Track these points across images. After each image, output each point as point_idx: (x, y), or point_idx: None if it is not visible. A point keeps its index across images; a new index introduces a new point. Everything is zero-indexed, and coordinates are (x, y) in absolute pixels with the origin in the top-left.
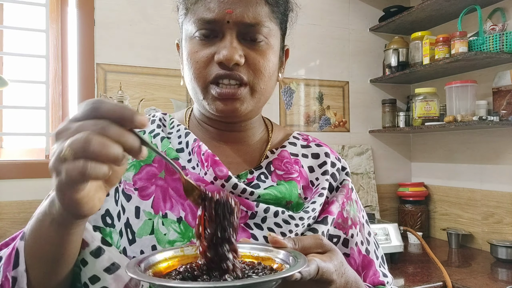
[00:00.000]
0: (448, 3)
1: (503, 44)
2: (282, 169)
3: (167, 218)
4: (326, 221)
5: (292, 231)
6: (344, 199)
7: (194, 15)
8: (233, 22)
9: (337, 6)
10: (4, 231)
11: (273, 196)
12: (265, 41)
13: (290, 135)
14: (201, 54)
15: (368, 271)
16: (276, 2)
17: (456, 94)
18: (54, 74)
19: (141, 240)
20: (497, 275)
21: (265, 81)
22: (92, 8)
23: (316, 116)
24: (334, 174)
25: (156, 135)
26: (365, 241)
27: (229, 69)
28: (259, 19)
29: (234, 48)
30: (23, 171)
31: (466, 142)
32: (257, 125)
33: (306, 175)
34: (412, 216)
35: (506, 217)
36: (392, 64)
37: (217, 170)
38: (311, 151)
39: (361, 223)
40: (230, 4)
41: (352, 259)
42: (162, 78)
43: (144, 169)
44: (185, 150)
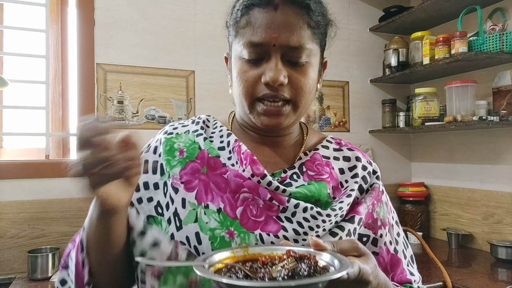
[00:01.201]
0: (448, 3)
1: (503, 44)
2: (314, 170)
3: (209, 209)
4: (353, 220)
5: (319, 226)
6: (374, 201)
7: (243, 38)
8: (278, 46)
9: (337, 6)
10: (4, 231)
11: (303, 194)
12: (307, 61)
13: (324, 138)
14: (249, 74)
15: (396, 269)
16: (317, 25)
17: (456, 94)
18: (54, 74)
19: (186, 227)
20: (497, 275)
21: (306, 97)
22: (92, 8)
23: (316, 116)
24: (365, 177)
25: (199, 135)
26: (394, 241)
27: (274, 89)
28: (302, 42)
29: (279, 70)
30: (23, 171)
31: (466, 142)
32: (295, 129)
33: (336, 177)
34: (412, 216)
35: (506, 217)
36: (392, 64)
37: (254, 168)
38: (343, 154)
39: (390, 224)
40: (276, 29)
41: (381, 257)
42: (162, 78)
43: (189, 165)
44: (226, 148)
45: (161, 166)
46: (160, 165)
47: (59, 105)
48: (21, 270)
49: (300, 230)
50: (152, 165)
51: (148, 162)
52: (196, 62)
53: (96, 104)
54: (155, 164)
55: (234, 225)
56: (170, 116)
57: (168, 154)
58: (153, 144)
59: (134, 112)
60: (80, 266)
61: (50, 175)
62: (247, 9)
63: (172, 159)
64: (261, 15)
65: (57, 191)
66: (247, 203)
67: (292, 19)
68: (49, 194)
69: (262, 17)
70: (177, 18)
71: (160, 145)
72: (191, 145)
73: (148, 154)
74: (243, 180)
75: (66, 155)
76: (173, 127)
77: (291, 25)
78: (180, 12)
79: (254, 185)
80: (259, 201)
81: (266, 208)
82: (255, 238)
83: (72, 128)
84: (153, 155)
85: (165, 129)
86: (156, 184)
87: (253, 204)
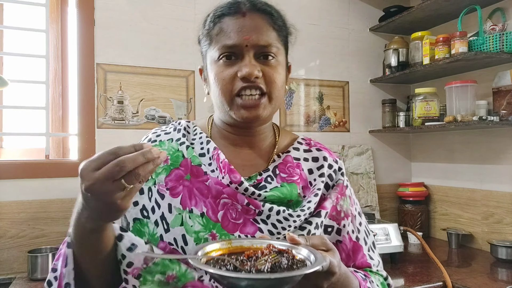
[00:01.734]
0: (448, 3)
1: (503, 44)
2: (286, 172)
3: (193, 213)
4: (319, 214)
5: (291, 225)
6: (338, 195)
7: (218, 43)
8: (250, 46)
9: (336, 6)
10: (4, 231)
11: (276, 196)
12: (275, 58)
13: (296, 139)
14: (226, 73)
15: (357, 254)
16: (280, 28)
17: (456, 94)
18: (54, 74)
19: (173, 230)
20: (497, 275)
21: (278, 90)
22: (92, 8)
23: (316, 116)
24: (331, 175)
25: (182, 144)
26: (356, 230)
27: (250, 82)
28: (270, 41)
29: (253, 65)
30: (23, 171)
31: (466, 142)
32: (268, 131)
33: (305, 177)
34: (412, 216)
35: (506, 217)
36: (392, 64)
37: (232, 177)
38: (312, 155)
39: (353, 215)
40: (247, 32)
41: (344, 245)
42: (162, 78)
43: (173, 172)
44: (206, 155)
45: None
46: None
47: (59, 105)
48: (21, 270)
49: (274, 230)
50: None
51: None
52: (196, 62)
53: (96, 104)
54: None
55: (216, 227)
56: (170, 116)
57: None
58: None
59: (134, 112)
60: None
61: (50, 175)
62: (219, 18)
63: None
64: (232, 22)
65: (57, 191)
66: (227, 207)
67: (259, 23)
68: (49, 194)
69: (233, 24)
70: (177, 18)
71: None
72: (174, 152)
73: None
74: (222, 187)
75: (66, 155)
76: (156, 135)
77: (259, 27)
78: (180, 12)
79: (233, 191)
80: (238, 206)
81: (244, 212)
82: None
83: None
84: None
85: (149, 136)
86: (142, 189)
87: (232, 208)
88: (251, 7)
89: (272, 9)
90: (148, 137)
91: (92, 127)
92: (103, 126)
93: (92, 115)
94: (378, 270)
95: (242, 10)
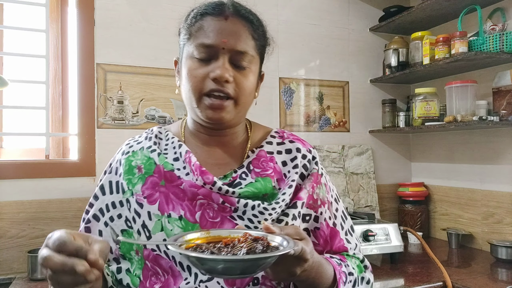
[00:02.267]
0: (448, 3)
1: (503, 44)
2: (259, 167)
3: (171, 217)
4: (295, 206)
5: (267, 219)
6: (314, 184)
7: (196, 40)
8: (227, 49)
9: (337, 6)
10: (4, 231)
11: (250, 192)
12: (249, 66)
13: (269, 133)
14: (199, 71)
15: (335, 239)
16: (259, 37)
17: (456, 94)
18: (54, 74)
19: (155, 236)
20: (497, 275)
21: (246, 97)
22: (92, 8)
23: (316, 116)
24: (305, 165)
25: (153, 151)
26: (333, 216)
27: (220, 85)
28: (246, 49)
29: (226, 69)
30: (23, 171)
31: (466, 142)
32: (240, 129)
33: (279, 170)
34: (412, 216)
35: (506, 217)
36: (392, 64)
37: (204, 178)
38: (285, 148)
39: (329, 202)
40: (226, 35)
41: (321, 231)
42: (162, 78)
43: (148, 179)
44: (180, 159)
45: (122, 185)
46: (121, 184)
47: (59, 105)
48: (21, 270)
49: (252, 225)
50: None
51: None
52: None
53: (96, 104)
54: (117, 184)
55: (195, 228)
56: (170, 116)
57: (128, 174)
58: (114, 165)
59: (134, 112)
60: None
61: (50, 175)
62: (201, 16)
63: (132, 177)
64: (213, 22)
65: (57, 191)
66: (204, 207)
67: (240, 29)
68: (49, 194)
69: (214, 24)
70: (177, 18)
71: (120, 166)
72: (147, 161)
73: (111, 175)
74: (197, 188)
75: (66, 155)
76: (129, 146)
77: (238, 33)
78: (180, 12)
79: (207, 191)
80: (214, 205)
81: (221, 210)
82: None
83: (72, 128)
84: (115, 176)
85: (122, 148)
86: (121, 202)
87: (209, 208)
88: (234, 12)
89: (254, 18)
90: (122, 149)
91: (92, 127)
92: (103, 126)
93: (92, 115)
94: (355, 253)
95: (226, 13)
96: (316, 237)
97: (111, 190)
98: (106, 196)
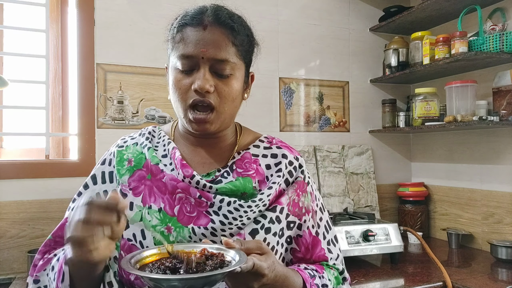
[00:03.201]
0: (448, 3)
1: (503, 44)
2: (242, 167)
3: (151, 209)
4: (275, 209)
5: (242, 216)
6: (300, 192)
7: (177, 51)
8: (206, 58)
9: (337, 6)
10: (4, 231)
11: (228, 189)
12: (232, 73)
13: (258, 138)
14: (182, 83)
15: (316, 248)
16: (241, 43)
17: (456, 94)
18: (54, 74)
19: (133, 226)
20: (497, 275)
21: (229, 105)
22: (92, 8)
23: (316, 116)
24: (291, 171)
25: (145, 146)
26: (316, 225)
27: (202, 95)
28: (226, 57)
29: (206, 79)
30: (23, 171)
31: (466, 142)
32: (228, 133)
33: (262, 172)
34: (412, 216)
35: (506, 217)
36: (392, 64)
37: (184, 171)
38: (271, 152)
39: (314, 211)
40: (204, 45)
41: (304, 239)
42: (162, 78)
43: (136, 172)
44: (168, 155)
45: (115, 175)
46: (114, 174)
47: (59, 105)
48: (21, 270)
49: (226, 221)
50: (108, 175)
51: (104, 173)
52: None
53: (96, 104)
54: (111, 174)
55: (172, 221)
56: (170, 116)
57: (118, 165)
58: (108, 157)
59: (134, 112)
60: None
61: (50, 175)
62: (181, 27)
63: (121, 168)
64: (192, 33)
65: (57, 191)
66: (182, 201)
67: (218, 37)
68: (49, 194)
69: (193, 35)
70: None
71: (113, 157)
72: (138, 155)
73: (104, 166)
74: (176, 182)
75: (66, 155)
76: (124, 141)
77: (217, 42)
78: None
79: (186, 186)
80: (191, 199)
81: (197, 205)
82: (189, 231)
83: (72, 128)
84: (108, 167)
85: (117, 142)
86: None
87: (186, 202)
88: (213, 20)
89: (235, 23)
90: (117, 143)
91: (92, 127)
92: (103, 126)
93: (92, 115)
94: (335, 263)
95: (204, 22)
96: (298, 244)
97: (104, 179)
98: (97, 186)
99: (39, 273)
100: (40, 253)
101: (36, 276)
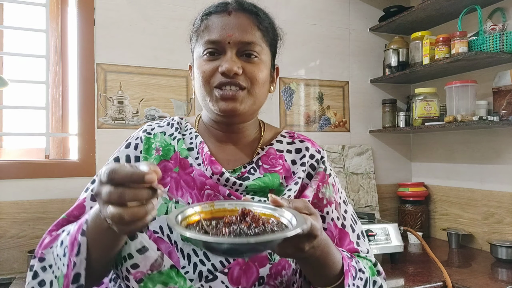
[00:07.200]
0: (448, 3)
1: (503, 44)
2: (268, 163)
3: (179, 204)
4: None
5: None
6: (320, 183)
7: (203, 38)
8: (232, 43)
9: (337, 6)
10: (4, 231)
11: (257, 186)
12: (258, 56)
13: (279, 133)
14: (208, 66)
15: (344, 241)
16: (266, 29)
17: (456, 94)
18: (54, 74)
19: (159, 218)
20: (497, 275)
21: (259, 87)
22: (92, 8)
23: (316, 116)
24: (313, 165)
25: (174, 138)
26: (341, 217)
27: (230, 78)
28: (253, 40)
29: (234, 61)
30: (23, 171)
31: (466, 142)
32: (252, 127)
33: (288, 167)
34: (412, 216)
35: (506, 217)
36: (392, 64)
37: (213, 168)
38: (295, 147)
39: (337, 203)
40: (230, 30)
41: (329, 232)
42: (162, 78)
43: (162, 163)
44: (194, 149)
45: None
46: (140, 160)
47: (59, 105)
48: (21, 270)
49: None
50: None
51: (130, 157)
52: None
53: (96, 104)
54: (137, 159)
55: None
56: (170, 116)
57: (146, 153)
58: (133, 142)
59: (134, 112)
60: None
61: (50, 175)
62: (206, 16)
63: (149, 156)
64: (217, 19)
65: (57, 191)
66: (210, 198)
67: (244, 21)
68: (49, 194)
69: (218, 21)
70: (177, 18)
71: (140, 142)
72: (166, 145)
73: (129, 150)
74: (205, 178)
75: (66, 155)
76: (151, 127)
77: (243, 26)
78: (180, 12)
79: (214, 183)
80: (220, 197)
81: None
82: None
83: (72, 128)
84: (134, 151)
85: (144, 127)
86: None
87: (215, 199)
88: (237, 6)
89: (258, 10)
90: (143, 128)
91: (92, 127)
92: (103, 126)
93: (92, 115)
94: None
95: (229, 9)
96: None
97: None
98: None
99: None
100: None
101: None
